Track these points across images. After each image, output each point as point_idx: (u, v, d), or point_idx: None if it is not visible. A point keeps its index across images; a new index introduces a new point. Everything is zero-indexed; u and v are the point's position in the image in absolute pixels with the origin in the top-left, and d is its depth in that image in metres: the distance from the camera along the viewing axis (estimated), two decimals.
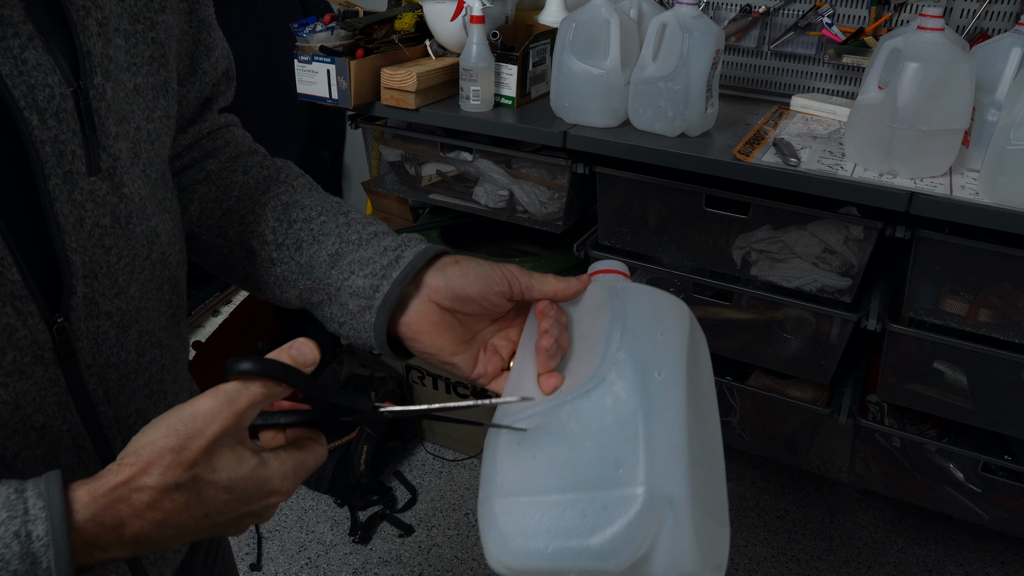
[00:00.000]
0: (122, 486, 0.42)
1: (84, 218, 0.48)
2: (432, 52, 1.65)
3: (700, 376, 0.57)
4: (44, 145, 0.45)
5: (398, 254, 0.59)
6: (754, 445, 1.74)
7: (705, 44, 1.33)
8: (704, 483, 0.51)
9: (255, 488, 0.46)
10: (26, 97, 0.44)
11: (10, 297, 0.45)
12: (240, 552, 1.84)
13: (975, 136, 1.26)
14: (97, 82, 0.48)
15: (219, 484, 0.44)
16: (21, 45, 0.44)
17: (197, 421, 0.44)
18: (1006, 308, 1.29)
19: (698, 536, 0.47)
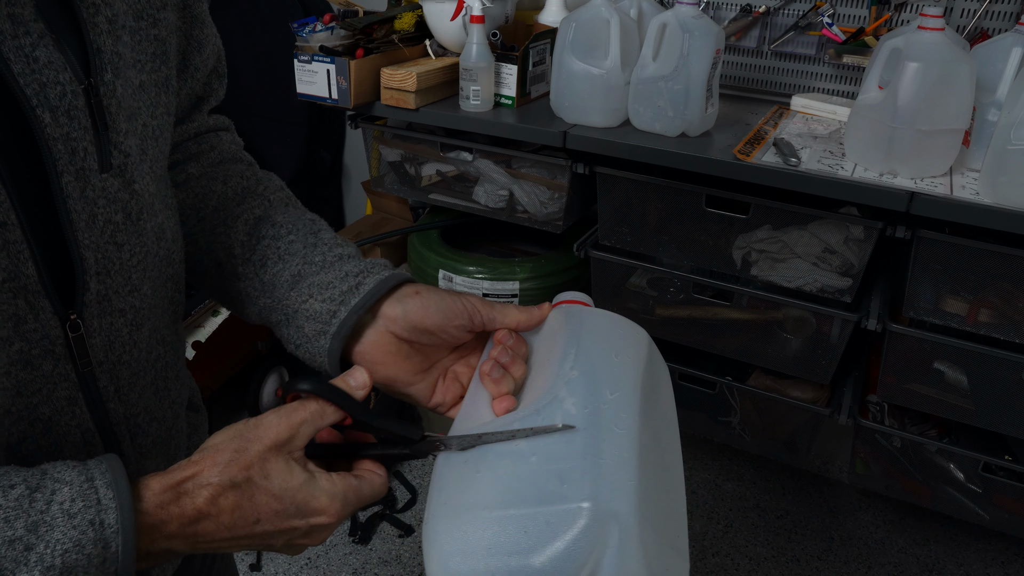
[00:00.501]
0: (188, 480, 0.47)
1: (96, 215, 0.49)
2: (432, 52, 1.64)
3: (658, 403, 0.56)
4: (56, 143, 0.45)
5: (359, 280, 0.59)
6: (754, 445, 1.74)
7: (705, 44, 1.33)
8: (660, 509, 0.49)
9: (303, 502, 0.48)
10: (38, 95, 0.44)
11: (23, 291, 0.46)
12: (240, 552, 1.84)
13: (975, 136, 1.26)
14: (107, 79, 0.48)
15: (270, 491, 0.48)
16: (32, 43, 0.44)
17: (259, 429, 0.48)
18: (1006, 308, 1.29)
19: (648, 560, 0.45)
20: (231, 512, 0.47)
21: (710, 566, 1.82)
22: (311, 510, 0.49)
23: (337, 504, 0.50)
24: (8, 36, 0.43)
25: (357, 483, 0.51)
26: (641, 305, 1.67)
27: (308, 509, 0.49)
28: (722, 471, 2.10)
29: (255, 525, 0.48)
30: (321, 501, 0.49)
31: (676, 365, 1.67)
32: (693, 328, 1.61)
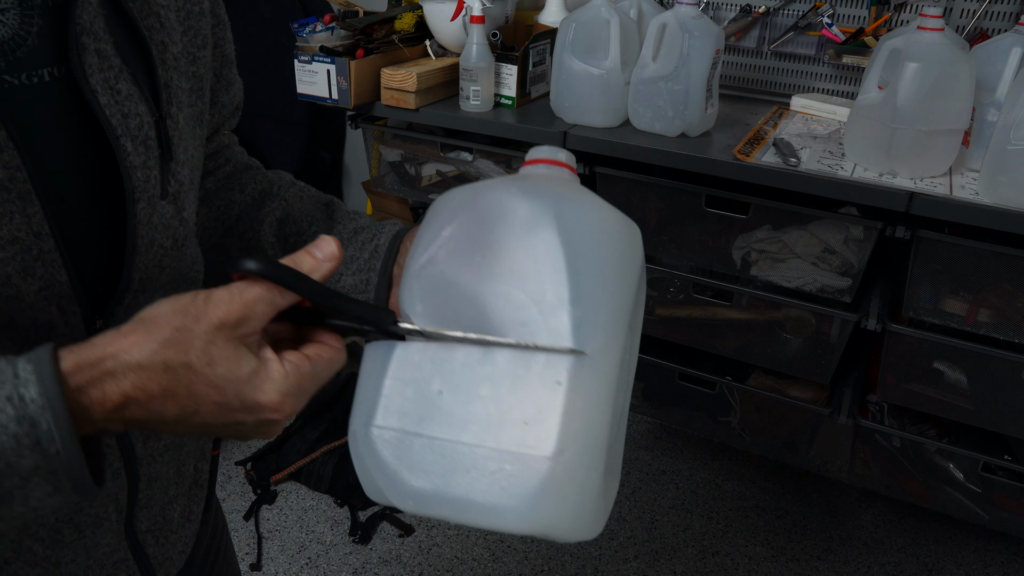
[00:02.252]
0: (111, 358, 0.41)
1: (154, 240, 0.51)
2: (432, 52, 1.65)
3: (637, 316, 0.54)
4: (136, 170, 0.48)
5: (375, 244, 0.62)
6: (754, 445, 1.74)
7: (705, 44, 1.33)
8: (614, 444, 0.49)
9: (249, 396, 0.43)
10: (121, 125, 0.47)
11: (56, 298, 0.47)
12: (240, 552, 1.84)
13: (975, 136, 1.26)
14: (173, 112, 0.52)
15: (211, 380, 0.41)
16: (115, 76, 0.47)
17: (208, 305, 0.42)
18: (1006, 308, 1.29)
19: (595, 504, 0.46)
20: (163, 399, 0.41)
21: (710, 566, 1.82)
22: (259, 406, 0.43)
23: (290, 400, 0.44)
24: (96, 69, 0.46)
25: (312, 368, 0.45)
26: None
27: (255, 405, 0.43)
28: (722, 471, 2.10)
29: (193, 416, 0.42)
30: (271, 396, 0.43)
31: (676, 365, 1.68)
32: (693, 328, 1.61)
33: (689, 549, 1.87)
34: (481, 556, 1.84)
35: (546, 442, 0.44)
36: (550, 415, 0.44)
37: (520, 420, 0.44)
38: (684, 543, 1.89)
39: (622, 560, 1.84)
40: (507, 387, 0.45)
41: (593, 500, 0.46)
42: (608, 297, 0.47)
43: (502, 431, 0.45)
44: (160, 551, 0.64)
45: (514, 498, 0.44)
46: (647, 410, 1.84)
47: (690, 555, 1.85)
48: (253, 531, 1.90)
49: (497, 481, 0.44)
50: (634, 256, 0.50)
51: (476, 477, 0.44)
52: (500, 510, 0.44)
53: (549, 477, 0.44)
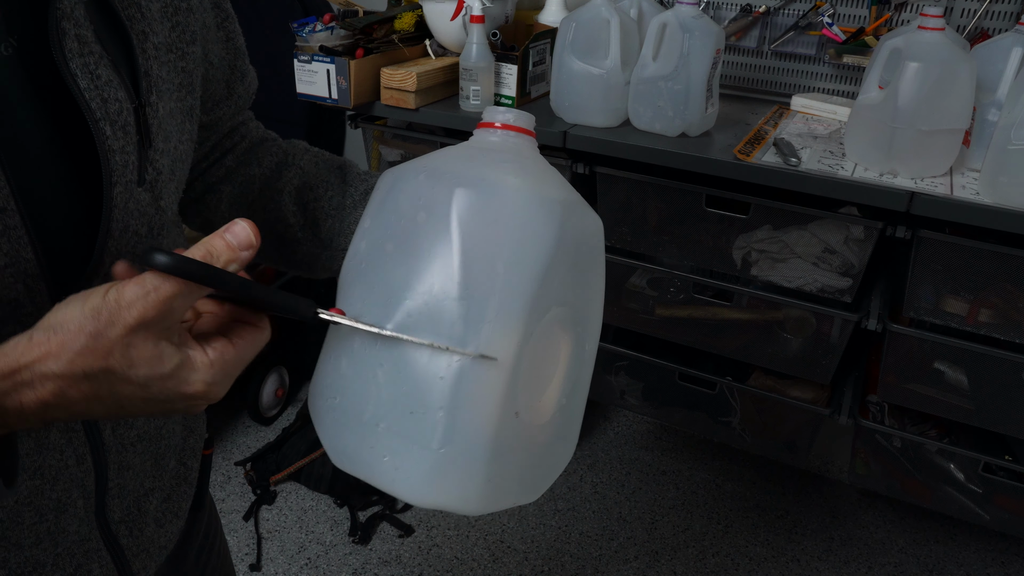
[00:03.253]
0: (27, 368, 0.40)
1: (128, 225, 0.52)
2: (432, 52, 1.64)
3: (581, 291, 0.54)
4: (115, 154, 0.49)
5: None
6: (754, 445, 1.74)
7: (705, 44, 1.33)
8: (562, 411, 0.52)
9: (174, 389, 0.43)
10: (101, 109, 0.48)
11: (22, 275, 0.47)
12: (240, 552, 1.84)
13: (976, 136, 1.26)
14: (152, 100, 0.53)
15: (134, 380, 0.41)
16: (95, 62, 0.48)
17: (120, 307, 0.40)
18: (1007, 308, 1.29)
19: (488, 485, 0.47)
20: (85, 402, 0.42)
21: (710, 566, 1.82)
22: (185, 395, 0.44)
23: (216, 387, 0.44)
24: (76, 54, 0.47)
25: (236, 353, 0.45)
26: (641, 305, 1.67)
27: (181, 395, 0.43)
28: (722, 471, 2.10)
29: (119, 411, 0.43)
30: (197, 388, 0.43)
31: (676, 365, 1.68)
32: (693, 328, 1.61)
33: (689, 549, 1.87)
34: (481, 556, 1.84)
35: (428, 434, 0.46)
36: (433, 409, 0.46)
37: (407, 409, 0.46)
38: (684, 543, 1.88)
39: (622, 560, 1.83)
40: (397, 375, 0.47)
41: (483, 482, 0.47)
42: (500, 290, 0.46)
43: (392, 417, 0.47)
44: (135, 543, 0.63)
45: (404, 479, 0.47)
46: (647, 410, 1.84)
47: (690, 555, 1.85)
48: (253, 531, 1.89)
49: (391, 462, 0.47)
50: (542, 242, 0.47)
51: (375, 455, 0.47)
52: (396, 486, 0.47)
53: (433, 466, 0.46)
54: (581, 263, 0.53)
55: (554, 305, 0.49)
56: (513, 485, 0.50)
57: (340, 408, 0.49)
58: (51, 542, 0.55)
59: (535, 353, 0.48)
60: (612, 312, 1.71)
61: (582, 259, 0.53)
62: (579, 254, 0.52)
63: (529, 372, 0.48)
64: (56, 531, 0.55)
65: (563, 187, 0.52)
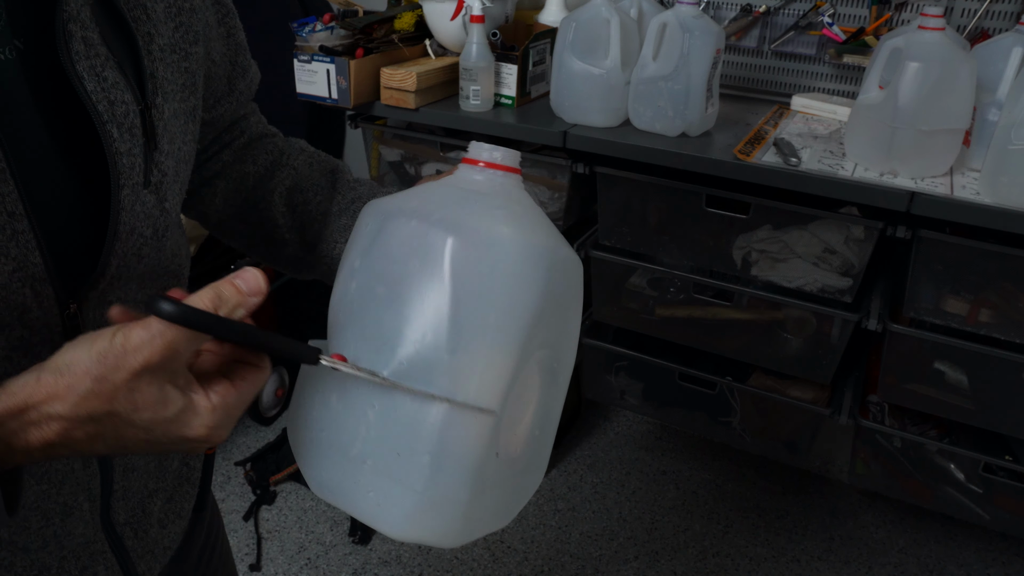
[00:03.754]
0: (34, 408, 0.41)
1: (135, 228, 0.52)
2: (432, 52, 1.64)
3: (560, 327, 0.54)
4: (122, 157, 0.49)
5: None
6: (754, 445, 1.74)
7: (705, 44, 1.32)
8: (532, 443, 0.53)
9: (177, 433, 0.43)
10: (108, 111, 0.48)
11: (30, 279, 0.47)
12: (240, 552, 1.83)
13: (976, 136, 1.26)
14: (159, 102, 0.53)
15: (137, 424, 0.42)
16: (102, 64, 0.48)
17: (127, 351, 0.41)
18: (1007, 308, 1.29)
19: (466, 521, 0.49)
20: (89, 442, 0.42)
21: (710, 566, 1.82)
22: (187, 439, 0.44)
23: (219, 430, 0.44)
24: (83, 56, 0.47)
25: (238, 395, 0.45)
26: (641, 305, 1.67)
27: (183, 438, 0.44)
28: (722, 471, 2.10)
29: (122, 450, 0.44)
30: (199, 432, 0.44)
31: (676, 365, 1.67)
32: (693, 328, 1.61)
33: (689, 550, 1.87)
34: (481, 556, 1.84)
35: (414, 476, 0.47)
36: (419, 452, 0.47)
37: (394, 450, 0.47)
38: (684, 544, 1.88)
39: (622, 560, 1.83)
40: (387, 417, 0.48)
41: (461, 520, 0.49)
42: (491, 343, 0.48)
43: (379, 456, 0.48)
44: (140, 544, 0.63)
45: (386, 516, 0.48)
46: (647, 410, 1.84)
47: (690, 556, 1.85)
48: (253, 531, 1.89)
49: (374, 498, 0.48)
50: (532, 294, 0.49)
51: (360, 489, 0.49)
52: (377, 522, 0.49)
53: (415, 506, 0.47)
54: (563, 304, 0.53)
55: (538, 349, 0.51)
56: (488, 516, 0.52)
57: (326, 441, 0.51)
58: (57, 545, 0.56)
59: (516, 394, 0.50)
60: (612, 312, 1.71)
61: (564, 300, 0.53)
62: (562, 296, 0.53)
63: (510, 413, 0.50)
64: (62, 534, 0.55)
65: (549, 230, 0.53)
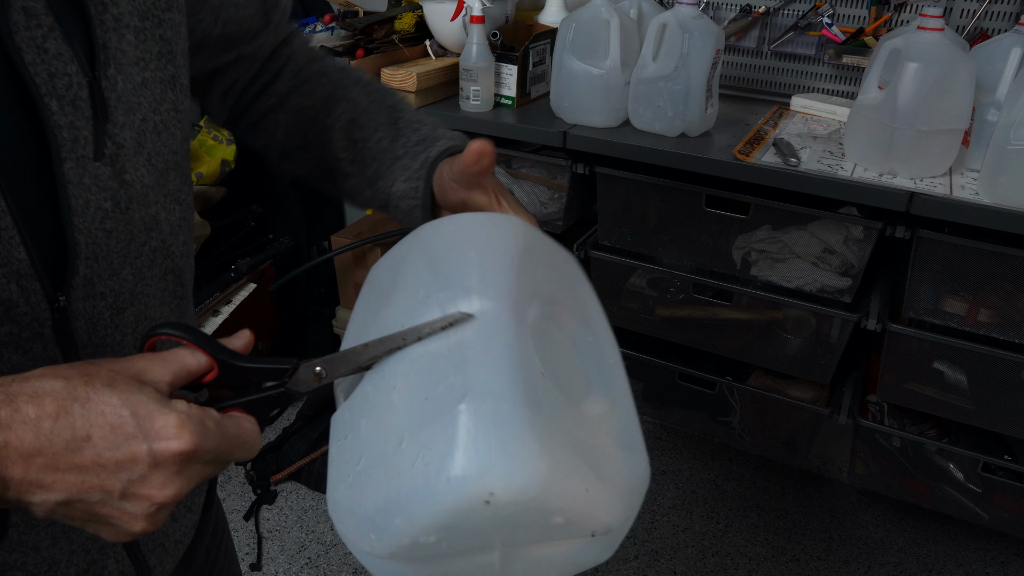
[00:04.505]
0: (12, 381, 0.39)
1: (90, 201, 0.50)
2: (432, 52, 1.65)
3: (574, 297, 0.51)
4: (62, 130, 0.48)
5: (426, 156, 0.66)
6: (754, 445, 1.74)
7: (705, 44, 1.33)
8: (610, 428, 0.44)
9: (147, 416, 0.39)
10: (47, 84, 0.47)
11: (15, 275, 0.47)
12: (240, 552, 1.84)
13: (975, 136, 1.26)
14: (110, 74, 0.51)
15: (109, 401, 0.39)
16: (43, 35, 0.46)
17: (118, 359, 0.42)
18: (1006, 308, 1.29)
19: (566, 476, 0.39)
20: (55, 418, 0.38)
21: (710, 566, 1.82)
22: (156, 430, 0.39)
23: (192, 427, 0.40)
24: (21, 27, 0.45)
25: (219, 417, 0.43)
26: (641, 305, 1.67)
27: (152, 428, 0.39)
28: (722, 471, 2.10)
29: (84, 444, 0.38)
30: (170, 419, 0.40)
31: (676, 365, 1.68)
32: (693, 328, 1.61)
33: (689, 549, 1.87)
34: None
35: (449, 415, 0.40)
36: (450, 393, 0.40)
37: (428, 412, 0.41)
38: (684, 543, 1.89)
39: (622, 560, 1.84)
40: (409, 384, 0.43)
41: (536, 444, 0.39)
42: (479, 269, 0.45)
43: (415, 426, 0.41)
44: (150, 537, 0.63)
45: (439, 475, 0.38)
46: (647, 410, 1.84)
47: (690, 555, 1.85)
48: (253, 531, 1.90)
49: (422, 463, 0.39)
50: (509, 232, 0.49)
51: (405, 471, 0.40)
52: (431, 488, 0.39)
53: (468, 443, 0.38)
54: (560, 269, 0.51)
55: (541, 294, 0.47)
56: (577, 458, 0.41)
57: (366, 461, 0.43)
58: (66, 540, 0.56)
59: (544, 342, 0.44)
60: (612, 312, 1.71)
61: (561, 267, 0.52)
62: (555, 260, 0.51)
63: (547, 360, 0.43)
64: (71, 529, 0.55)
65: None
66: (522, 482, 0.37)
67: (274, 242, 2.15)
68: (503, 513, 0.38)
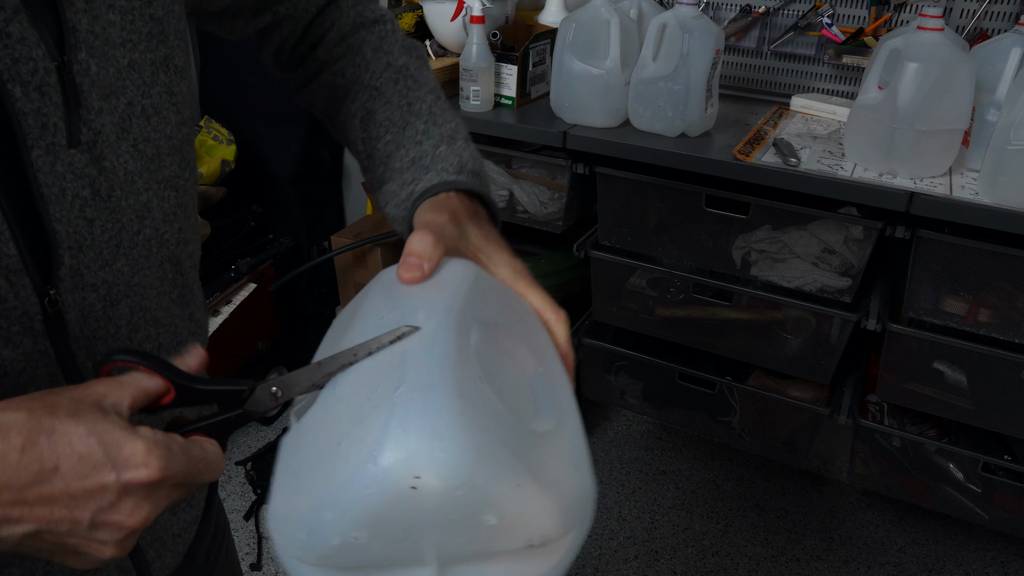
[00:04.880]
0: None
1: (66, 189, 0.49)
2: (432, 52, 1.65)
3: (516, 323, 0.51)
4: (27, 117, 0.46)
5: (412, 188, 0.62)
6: (754, 445, 1.74)
7: (705, 44, 1.33)
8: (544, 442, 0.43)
9: (114, 444, 0.39)
10: (9, 70, 0.45)
11: (5, 270, 0.46)
12: (240, 552, 1.84)
13: (975, 136, 1.26)
14: (81, 57, 0.49)
15: (75, 431, 0.39)
16: (6, 19, 0.44)
17: (77, 386, 0.41)
18: (1006, 308, 1.29)
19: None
20: (21, 451, 0.37)
21: (710, 566, 1.83)
22: (124, 458, 0.39)
23: (159, 453, 0.40)
24: None
25: (184, 441, 0.43)
26: (641, 305, 1.67)
27: (120, 456, 0.39)
28: (722, 471, 2.11)
29: (52, 475, 0.38)
30: (137, 446, 0.40)
31: (676, 365, 1.68)
32: (693, 328, 1.61)
33: (689, 549, 1.87)
34: None
35: (386, 400, 0.40)
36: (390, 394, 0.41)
37: (355, 421, 0.41)
38: (684, 543, 1.89)
39: (622, 560, 1.84)
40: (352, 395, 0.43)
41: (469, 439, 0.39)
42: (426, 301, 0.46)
43: (353, 431, 0.41)
44: (149, 532, 0.62)
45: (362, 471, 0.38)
46: (647, 410, 1.85)
47: (690, 555, 1.85)
48: (253, 531, 1.90)
49: (351, 456, 0.39)
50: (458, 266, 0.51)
51: (339, 465, 0.40)
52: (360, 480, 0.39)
53: (399, 427, 0.39)
54: (513, 307, 0.52)
55: (489, 319, 0.48)
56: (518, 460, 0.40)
57: (305, 472, 0.42)
58: None
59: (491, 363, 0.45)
60: (612, 312, 1.71)
61: (514, 306, 0.52)
62: (508, 298, 0.52)
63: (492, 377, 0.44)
64: None
65: None
66: (449, 465, 0.37)
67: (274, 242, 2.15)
68: (431, 504, 0.38)
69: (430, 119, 0.67)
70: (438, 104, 0.69)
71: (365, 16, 0.73)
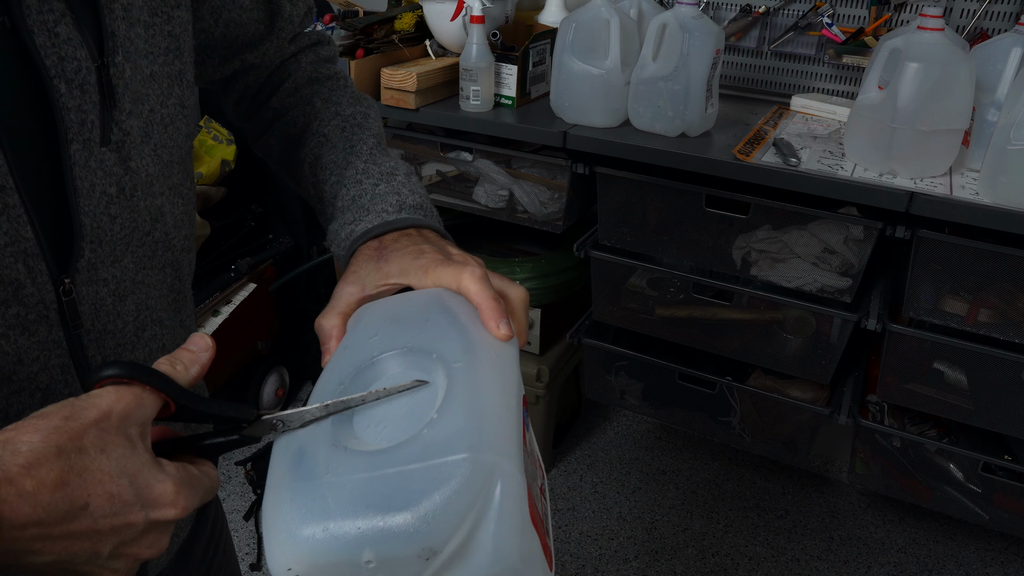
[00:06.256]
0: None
1: (95, 185, 0.51)
2: (432, 52, 1.65)
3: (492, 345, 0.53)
4: (70, 112, 0.49)
5: (350, 230, 0.63)
6: (754, 445, 1.74)
7: (705, 44, 1.33)
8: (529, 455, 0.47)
9: (145, 486, 0.40)
10: (56, 67, 0.48)
11: (22, 254, 0.47)
12: (240, 552, 1.84)
13: (975, 136, 1.26)
14: (118, 61, 0.52)
15: (105, 468, 0.39)
16: (55, 20, 0.48)
17: (92, 397, 0.40)
18: (1006, 308, 1.29)
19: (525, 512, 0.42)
20: (53, 489, 0.37)
21: (710, 566, 1.82)
22: (153, 498, 0.40)
23: (185, 493, 0.42)
24: (34, 11, 0.47)
25: (198, 473, 0.44)
26: (641, 305, 1.67)
27: (150, 496, 0.40)
28: (722, 471, 2.10)
29: (81, 513, 0.38)
30: (167, 487, 0.41)
31: (676, 365, 1.68)
32: (693, 328, 1.61)
33: (689, 549, 1.87)
34: None
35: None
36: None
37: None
38: (684, 543, 1.89)
39: (622, 560, 1.84)
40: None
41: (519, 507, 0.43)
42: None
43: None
44: None
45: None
46: (647, 410, 1.84)
47: (690, 555, 1.85)
48: (253, 531, 1.89)
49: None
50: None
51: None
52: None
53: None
54: (425, 312, 0.53)
55: (398, 345, 0.50)
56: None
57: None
58: None
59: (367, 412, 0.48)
60: (612, 312, 1.71)
61: (425, 313, 0.53)
62: (424, 313, 0.53)
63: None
64: None
65: None
66: (297, 555, 0.41)
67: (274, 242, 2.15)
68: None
69: (370, 159, 0.69)
70: (379, 147, 0.71)
71: (320, 72, 0.75)
